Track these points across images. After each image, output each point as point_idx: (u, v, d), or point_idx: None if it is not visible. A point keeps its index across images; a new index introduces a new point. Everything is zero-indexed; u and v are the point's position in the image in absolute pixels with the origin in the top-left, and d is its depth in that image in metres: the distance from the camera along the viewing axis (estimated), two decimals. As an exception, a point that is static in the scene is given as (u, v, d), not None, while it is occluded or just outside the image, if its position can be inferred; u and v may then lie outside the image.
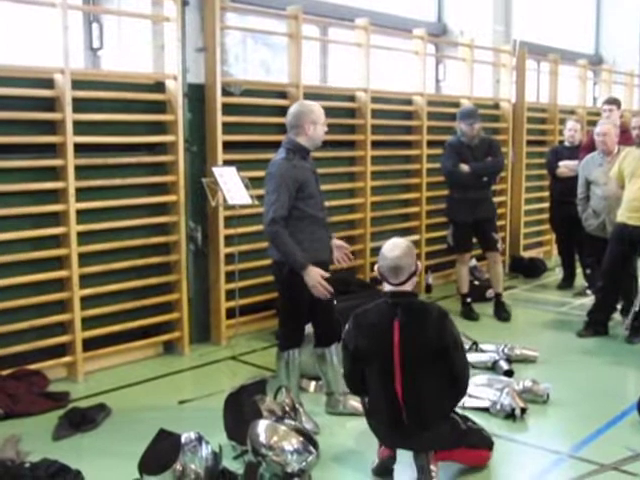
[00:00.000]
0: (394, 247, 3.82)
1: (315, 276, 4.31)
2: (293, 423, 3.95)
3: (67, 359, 5.35)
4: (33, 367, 5.12)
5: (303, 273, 4.31)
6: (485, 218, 7.04)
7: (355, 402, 4.72)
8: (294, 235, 4.36)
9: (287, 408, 4.19)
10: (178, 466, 3.51)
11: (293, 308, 4.53)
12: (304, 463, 3.63)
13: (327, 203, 6.95)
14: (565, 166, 7.80)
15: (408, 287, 3.79)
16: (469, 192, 6.94)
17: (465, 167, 6.88)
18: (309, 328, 5.11)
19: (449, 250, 7.51)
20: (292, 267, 4.34)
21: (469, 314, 7.07)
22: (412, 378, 3.72)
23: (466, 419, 4.03)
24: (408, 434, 3.80)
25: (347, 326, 3.91)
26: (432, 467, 3.78)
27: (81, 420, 4.53)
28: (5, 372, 4.97)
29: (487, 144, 7.05)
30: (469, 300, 7.22)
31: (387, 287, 3.81)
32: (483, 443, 4.04)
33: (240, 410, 4.15)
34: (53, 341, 5.30)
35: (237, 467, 3.84)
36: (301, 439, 3.70)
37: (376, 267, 3.87)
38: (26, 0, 5.31)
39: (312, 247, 4.45)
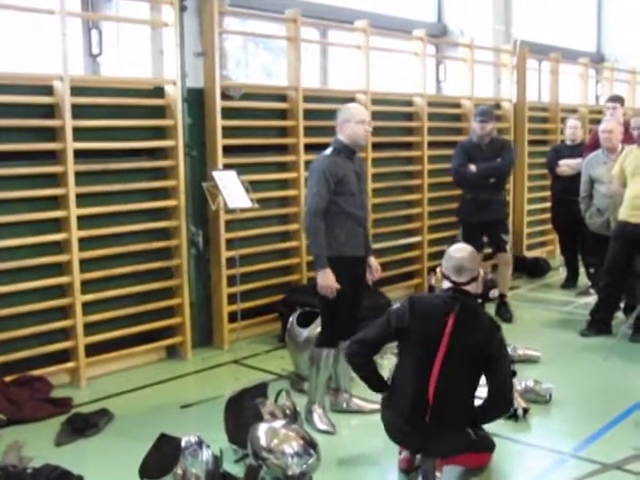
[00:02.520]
0: (460, 249, 3.99)
1: (330, 280, 4.40)
2: (296, 426, 3.96)
3: (70, 365, 5.37)
4: (36, 373, 5.13)
5: (320, 271, 4.40)
6: (495, 219, 7.01)
7: (360, 401, 4.74)
8: (332, 229, 4.44)
9: (288, 411, 4.19)
10: (179, 470, 3.51)
11: (333, 305, 4.53)
12: (305, 466, 3.63)
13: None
14: (565, 165, 7.79)
15: (470, 289, 3.88)
16: (479, 193, 6.92)
17: (472, 167, 6.87)
18: (310, 331, 5.14)
19: None
20: (315, 260, 4.46)
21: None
22: (448, 376, 3.70)
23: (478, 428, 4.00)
24: (425, 434, 3.75)
25: (399, 304, 3.94)
26: (437, 473, 3.78)
27: (84, 425, 4.55)
28: (8, 378, 4.98)
29: (499, 145, 7.04)
30: (479, 301, 7.18)
31: (447, 284, 3.90)
32: (486, 446, 4.01)
33: (241, 414, 4.15)
34: (56, 347, 5.31)
35: (238, 471, 3.84)
36: (302, 442, 3.70)
37: (439, 269, 4.02)
38: (25, 7, 5.32)
39: (348, 242, 4.51)
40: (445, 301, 3.83)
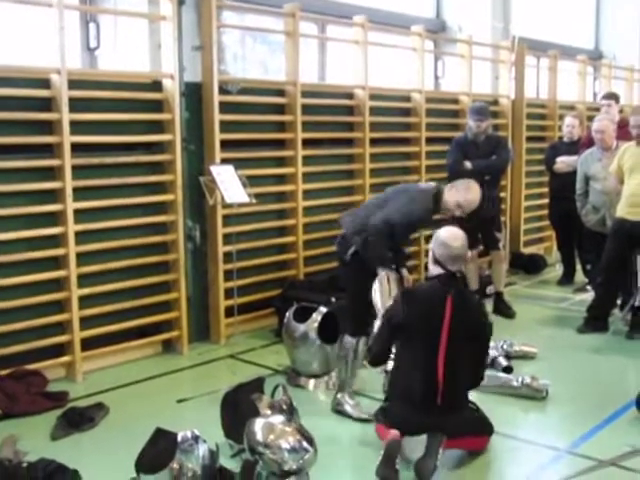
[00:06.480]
0: (456, 237, 4.10)
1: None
2: (292, 421, 3.95)
3: (66, 359, 5.36)
4: (32, 367, 5.11)
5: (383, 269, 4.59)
6: (488, 216, 7.02)
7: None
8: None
9: (284, 406, 4.18)
10: (175, 465, 3.50)
11: (363, 298, 4.62)
12: (301, 461, 3.62)
13: (325, 201, 7.03)
14: (562, 162, 7.79)
15: (458, 272, 4.13)
16: None
17: (468, 164, 6.86)
18: (307, 326, 5.13)
19: None
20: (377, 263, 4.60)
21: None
22: (453, 356, 3.95)
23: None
24: (437, 416, 3.92)
25: (394, 301, 4.16)
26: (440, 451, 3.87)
27: (79, 419, 4.53)
28: (4, 372, 4.97)
29: (494, 141, 7.03)
30: (477, 297, 7.19)
31: (437, 270, 4.09)
32: (486, 429, 4.19)
33: (237, 409, 4.14)
34: (51, 341, 5.30)
35: (234, 466, 3.83)
36: (298, 437, 3.69)
37: (432, 254, 4.13)
38: (23, 0, 5.30)
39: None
40: (439, 287, 4.05)
